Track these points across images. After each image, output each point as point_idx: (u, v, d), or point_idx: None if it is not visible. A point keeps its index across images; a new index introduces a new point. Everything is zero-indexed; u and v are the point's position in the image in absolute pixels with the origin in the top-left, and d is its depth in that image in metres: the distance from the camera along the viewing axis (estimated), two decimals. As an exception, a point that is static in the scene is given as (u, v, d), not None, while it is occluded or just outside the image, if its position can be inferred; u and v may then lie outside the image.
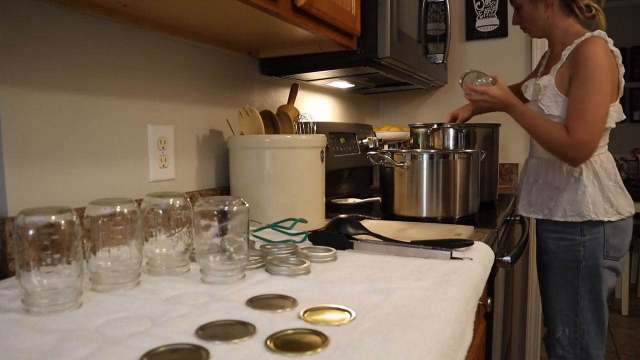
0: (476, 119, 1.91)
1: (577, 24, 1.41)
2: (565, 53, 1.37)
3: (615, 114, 1.35)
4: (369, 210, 1.46)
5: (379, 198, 1.41)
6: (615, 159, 1.47)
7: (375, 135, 1.94)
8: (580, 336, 1.46)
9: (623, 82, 1.39)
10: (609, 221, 1.38)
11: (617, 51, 1.33)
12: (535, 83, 1.46)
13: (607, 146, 1.43)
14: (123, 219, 0.67)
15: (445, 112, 2.28)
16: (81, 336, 0.52)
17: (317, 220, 1.16)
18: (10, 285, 0.69)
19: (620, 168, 1.56)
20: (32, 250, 0.57)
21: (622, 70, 1.37)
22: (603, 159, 1.40)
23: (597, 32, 1.34)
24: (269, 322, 0.55)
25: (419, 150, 1.55)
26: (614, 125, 1.36)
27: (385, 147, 1.98)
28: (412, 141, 1.77)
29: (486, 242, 0.99)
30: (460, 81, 1.47)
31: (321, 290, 0.68)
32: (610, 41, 1.33)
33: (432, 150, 1.41)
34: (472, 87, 1.39)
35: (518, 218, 1.66)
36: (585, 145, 1.29)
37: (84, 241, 0.65)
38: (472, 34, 2.21)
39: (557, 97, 1.37)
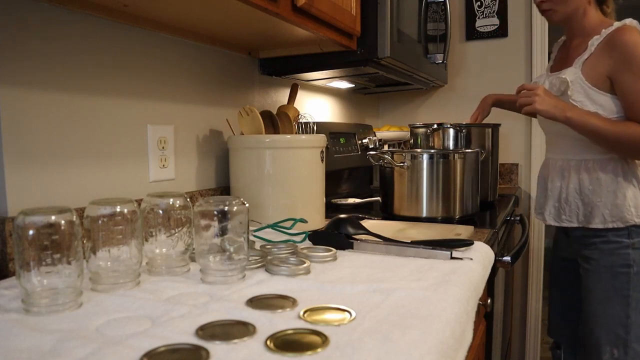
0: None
1: (599, 12, 1.32)
2: (594, 43, 1.25)
3: None
4: (369, 210, 1.46)
5: (379, 198, 1.41)
6: None
7: (375, 135, 1.94)
8: (632, 358, 1.24)
9: None
10: None
11: None
12: (556, 77, 1.31)
13: None
14: (123, 219, 0.67)
15: (445, 112, 2.29)
16: (81, 336, 0.52)
17: (317, 220, 1.16)
18: (10, 285, 0.69)
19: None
20: (32, 250, 0.57)
21: None
22: None
23: (629, 21, 1.26)
24: (269, 322, 0.55)
25: (419, 150, 1.55)
26: None
27: (385, 147, 1.98)
28: (412, 141, 1.77)
29: (486, 242, 0.99)
30: None
31: (321, 290, 0.68)
32: None
33: (432, 150, 1.41)
34: (524, 85, 1.29)
35: (518, 218, 1.66)
36: None
37: (84, 241, 0.65)
38: (472, 34, 2.21)
39: (589, 92, 1.24)
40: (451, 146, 1.63)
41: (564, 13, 1.30)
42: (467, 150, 1.34)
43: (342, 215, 1.10)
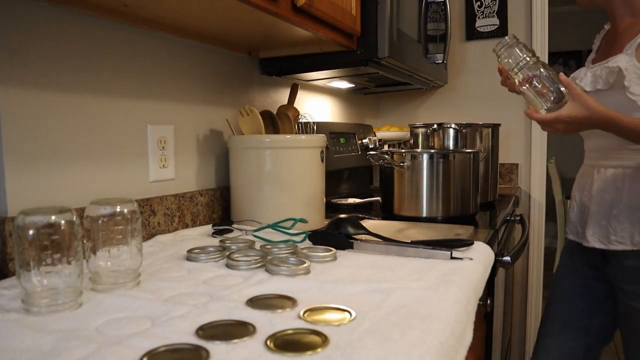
0: (477, 119, 1.91)
1: None
2: None
3: None
4: (369, 210, 1.46)
5: (379, 198, 1.41)
6: None
7: (375, 135, 1.94)
8: None
9: None
10: None
11: None
12: (603, 67, 1.08)
13: None
14: (123, 219, 0.67)
15: (445, 112, 2.29)
16: (81, 336, 0.52)
17: (317, 220, 1.16)
18: (10, 285, 0.69)
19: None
20: (32, 250, 0.57)
21: None
22: None
23: None
24: (269, 322, 0.55)
25: (419, 150, 1.55)
26: None
27: (385, 147, 1.98)
28: (412, 141, 1.77)
29: (486, 242, 0.98)
30: (497, 51, 1.01)
31: (321, 290, 0.68)
32: None
33: (432, 150, 1.41)
34: (538, 117, 0.97)
35: (518, 218, 1.66)
36: None
37: (84, 241, 0.65)
38: (472, 34, 2.21)
39: None
40: (451, 146, 1.63)
41: None
42: (467, 150, 1.34)
43: (342, 215, 1.10)
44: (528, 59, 0.96)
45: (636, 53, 1.03)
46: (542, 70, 0.95)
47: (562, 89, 0.95)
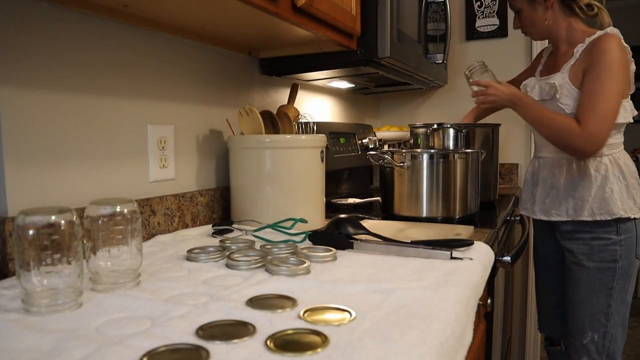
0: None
1: (580, 23, 1.39)
2: (579, 49, 1.35)
3: (630, 108, 1.34)
4: (369, 210, 1.46)
5: (379, 198, 1.41)
6: None
7: (375, 135, 1.94)
8: (608, 341, 1.39)
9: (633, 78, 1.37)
10: (635, 218, 1.36)
11: (628, 47, 1.32)
12: (545, 82, 1.40)
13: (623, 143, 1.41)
14: (123, 219, 0.67)
15: (445, 112, 2.29)
16: (81, 336, 0.52)
17: (317, 220, 1.16)
18: (10, 285, 0.69)
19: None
20: (32, 250, 0.57)
21: (633, 67, 1.35)
22: (624, 156, 1.39)
23: (610, 29, 1.33)
24: (269, 322, 0.55)
25: (419, 150, 1.55)
26: (630, 120, 1.34)
27: (385, 147, 1.98)
28: (412, 141, 1.77)
29: (486, 242, 0.98)
30: (466, 72, 1.46)
31: (321, 290, 0.68)
32: (622, 38, 1.33)
33: (432, 150, 1.41)
34: (477, 81, 1.37)
35: (518, 218, 1.66)
36: (595, 137, 1.27)
37: (84, 241, 0.65)
38: (472, 34, 2.21)
39: (575, 95, 1.33)
40: (451, 146, 1.63)
41: (538, 33, 1.45)
42: (467, 150, 1.34)
43: (342, 215, 1.10)
44: (477, 65, 1.46)
45: (568, 73, 1.35)
46: (487, 68, 1.46)
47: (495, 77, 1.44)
